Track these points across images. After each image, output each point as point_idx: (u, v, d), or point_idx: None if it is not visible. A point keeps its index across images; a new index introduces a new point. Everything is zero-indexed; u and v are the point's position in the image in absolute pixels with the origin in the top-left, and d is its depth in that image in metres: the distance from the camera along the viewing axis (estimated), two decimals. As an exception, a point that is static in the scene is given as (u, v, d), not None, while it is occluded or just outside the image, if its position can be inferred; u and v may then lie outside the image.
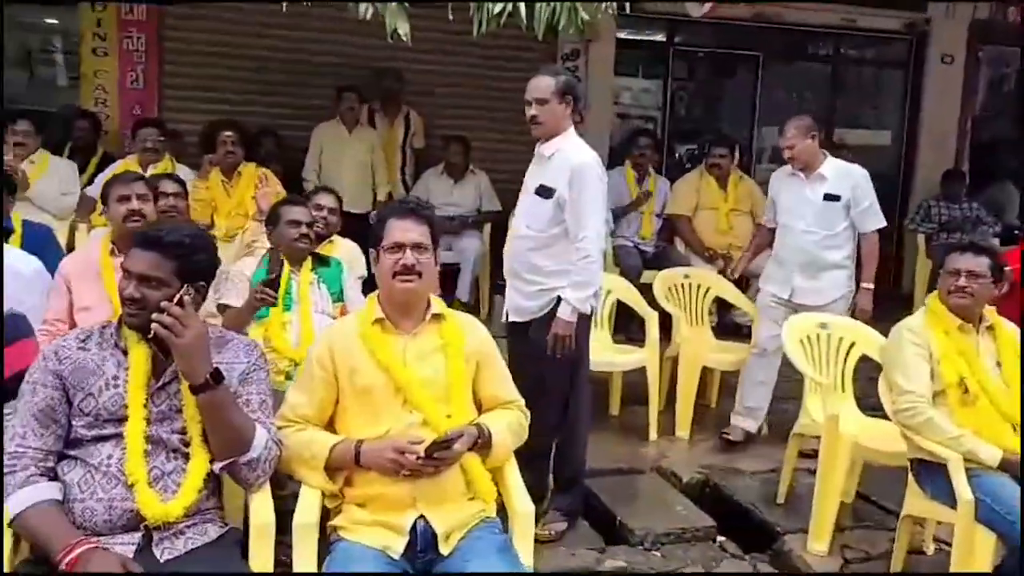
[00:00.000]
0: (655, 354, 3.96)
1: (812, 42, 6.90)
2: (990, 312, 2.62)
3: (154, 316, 1.70)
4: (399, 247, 1.99)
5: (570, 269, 2.81)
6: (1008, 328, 2.64)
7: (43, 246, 2.88)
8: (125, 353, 1.79)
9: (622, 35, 6.17)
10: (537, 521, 2.84)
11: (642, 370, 3.91)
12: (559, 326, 2.79)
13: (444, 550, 1.87)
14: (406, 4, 3.31)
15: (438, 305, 2.12)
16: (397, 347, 2.01)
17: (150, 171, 4.09)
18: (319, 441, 1.94)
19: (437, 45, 5.17)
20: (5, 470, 1.67)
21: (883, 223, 3.68)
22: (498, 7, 3.34)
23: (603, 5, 3.53)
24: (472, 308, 5.08)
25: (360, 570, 1.77)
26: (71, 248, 3.87)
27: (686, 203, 5.14)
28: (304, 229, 3.04)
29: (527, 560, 1.95)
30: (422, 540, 1.87)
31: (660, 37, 6.50)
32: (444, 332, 2.07)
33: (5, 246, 2.59)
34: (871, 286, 3.64)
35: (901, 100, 6.97)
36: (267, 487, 1.88)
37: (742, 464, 3.67)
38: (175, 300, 1.73)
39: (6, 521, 1.66)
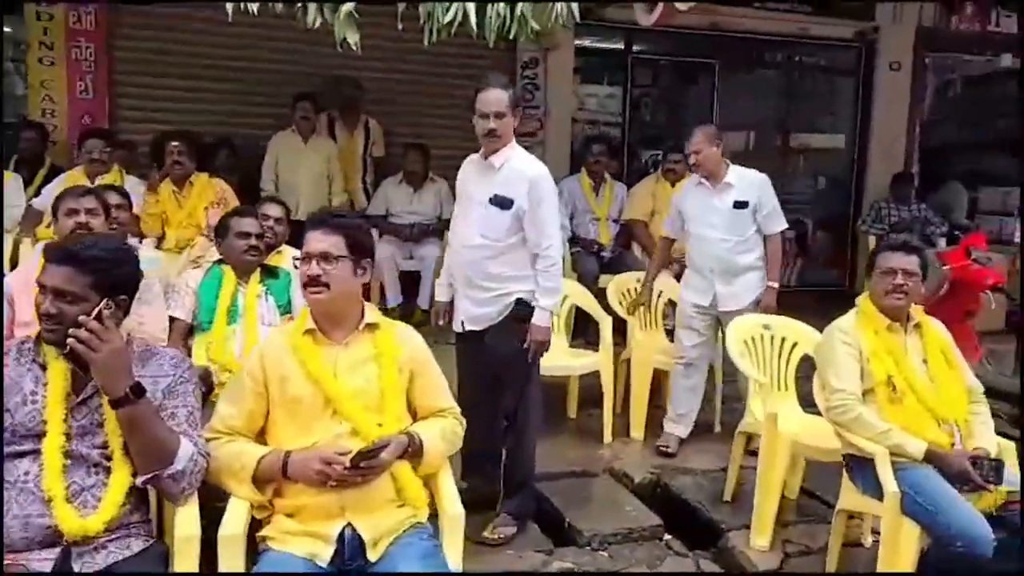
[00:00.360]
0: (609, 358, 4.00)
1: (767, 50, 7.03)
2: (917, 311, 2.68)
3: (71, 331, 1.69)
4: (307, 257, 2.00)
5: (525, 274, 2.90)
6: (934, 326, 2.70)
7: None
8: (44, 368, 1.78)
9: (582, 43, 6.24)
10: (487, 526, 2.90)
11: (599, 374, 3.95)
12: (539, 333, 2.90)
13: (372, 557, 1.88)
14: (355, 14, 3.33)
15: (372, 315, 2.12)
16: (328, 358, 2.02)
17: (97, 182, 4.06)
18: (247, 453, 1.93)
19: (393, 53, 5.18)
20: None
21: (785, 225, 3.80)
22: (448, 16, 3.37)
23: (554, 15, 3.56)
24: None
25: (287, 577, 1.77)
26: (15, 263, 3.81)
27: (642, 208, 5.19)
28: (253, 240, 3.03)
29: (455, 562, 1.96)
30: (350, 548, 1.87)
31: (619, 45, 6.58)
32: (378, 341, 2.08)
33: None
34: (776, 284, 3.72)
35: (853, 105, 7.13)
36: (194, 500, 1.87)
37: (693, 463, 3.74)
38: (93, 315, 1.72)
39: None
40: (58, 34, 5.02)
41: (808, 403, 3.33)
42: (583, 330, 4.58)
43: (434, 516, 2.06)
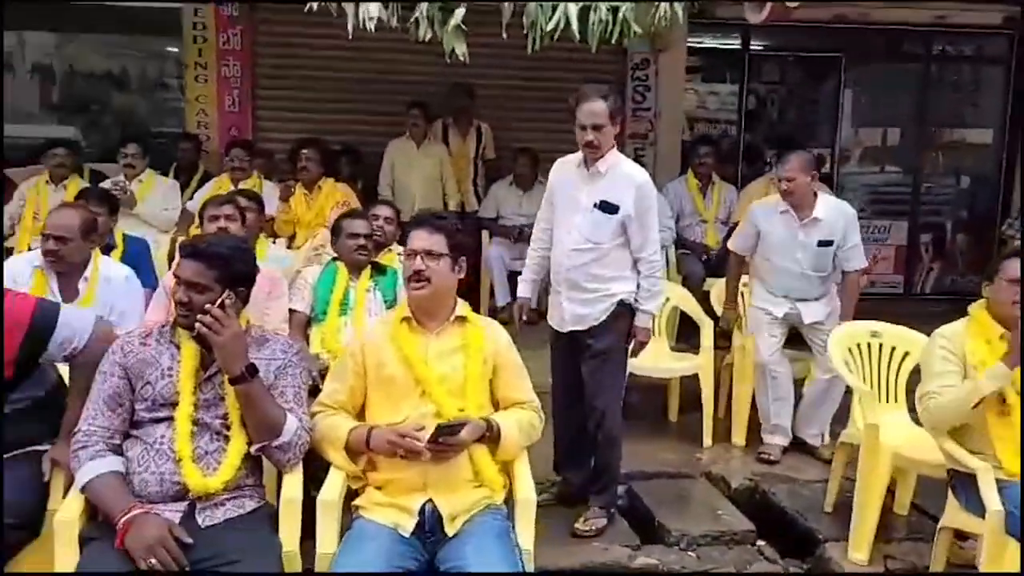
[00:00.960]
0: (709, 361, 3.98)
1: (899, 41, 6.64)
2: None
3: (198, 317, 1.96)
4: (412, 254, 2.19)
5: (626, 276, 3.02)
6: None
7: (139, 258, 3.27)
8: (178, 348, 2.07)
9: (697, 42, 6.18)
10: (579, 518, 3.01)
11: (699, 377, 3.94)
12: (642, 334, 3.07)
13: (449, 531, 2.05)
14: (461, 26, 3.53)
15: (463, 309, 2.30)
16: (420, 344, 2.21)
17: (240, 187, 4.53)
18: (341, 426, 2.16)
19: (501, 61, 5.36)
20: (79, 445, 1.98)
21: (865, 263, 3.74)
22: (551, 24, 3.50)
23: (657, 17, 3.60)
24: (541, 314, 5.23)
25: (374, 544, 1.98)
26: (172, 257, 4.32)
27: (753, 210, 5.07)
28: (363, 240, 3.30)
29: (527, 544, 2.09)
30: (430, 521, 2.06)
31: (735, 42, 6.45)
32: (466, 334, 2.26)
33: (106, 258, 2.97)
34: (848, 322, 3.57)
35: (1002, 97, 6.59)
36: (299, 468, 2.11)
37: (796, 472, 3.65)
38: (216, 303, 1.99)
39: (77, 488, 1.96)
40: (211, 54, 5.61)
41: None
42: (687, 333, 4.56)
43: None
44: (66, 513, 1.93)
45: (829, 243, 3.60)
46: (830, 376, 3.59)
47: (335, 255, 3.40)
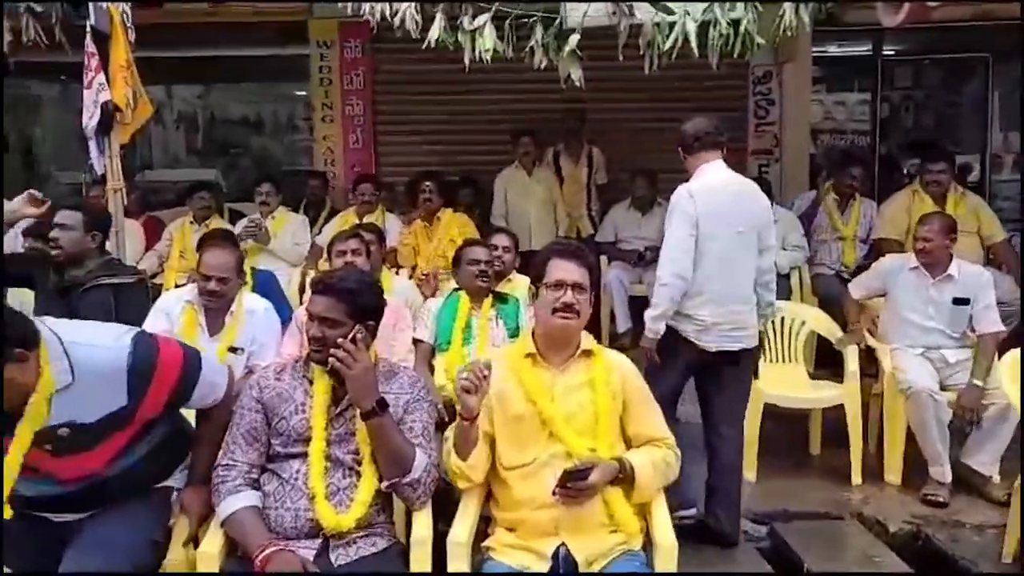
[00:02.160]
0: (855, 390, 3.67)
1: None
2: None
3: (331, 351, 1.98)
4: (561, 285, 2.11)
5: None
6: None
7: (269, 290, 3.41)
8: (311, 383, 2.10)
9: (820, 51, 5.86)
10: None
11: (844, 407, 3.65)
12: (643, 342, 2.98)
13: (586, 579, 1.94)
14: (577, 51, 3.50)
15: (588, 341, 2.21)
16: (546, 381, 2.13)
17: (365, 220, 4.67)
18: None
19: (617, 84, 5.28)
20: (219, 479, 2.04)
21: (1000, 328, 3.52)
22: (668, 43, 3.40)
23: (782, 27, 3.44)
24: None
25: (505, 589, 1.91)
26: (303, 289, 4.50)
27: (896, 226, 4.69)
28: (483, 267, 3.30)
29: (668, 595, 1.95)
30: (563, 566, 1.96)
31: (866, 48, 6.08)
32: (592, 368, 2.16)
33: (247, 292, 3.10)
34: (980, 383, 3.36)
35: None
36: (428, 506, 2.08)
37: (966, 516, 3.27)
38: (348, 337, 2.00)
39: (217, 522, 2.01)
40: (336, 95, 5.88)
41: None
42: (829, 360, 4.25)
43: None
44: (208, 547, 1.99)
45: (965, 301, 3.51)
46: (1003, 404, 3.24)
47: (457, 286, 3.41)
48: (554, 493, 1.97)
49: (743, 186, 3.08)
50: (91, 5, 3.20)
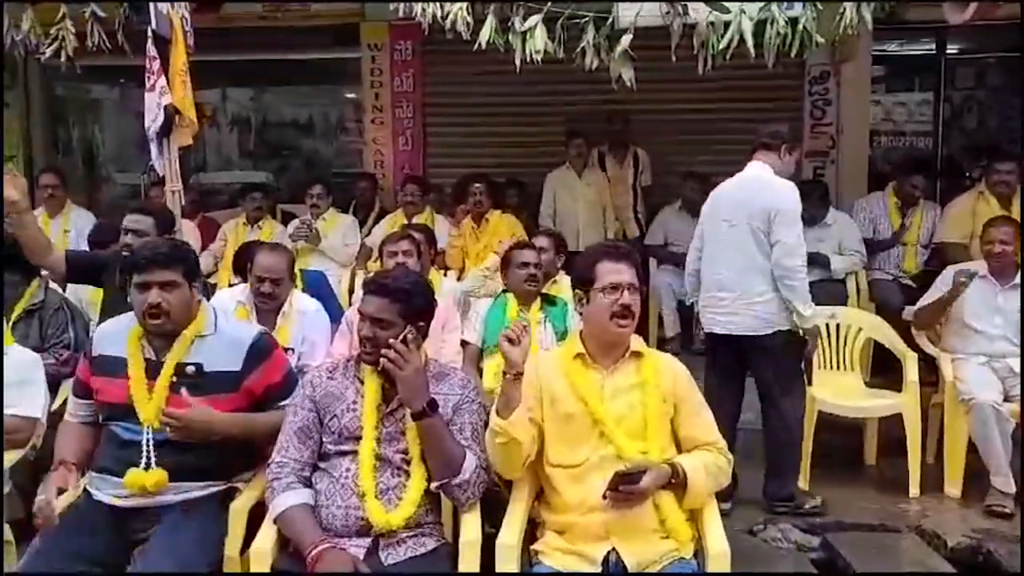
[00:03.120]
0: (914, 399, 3.55)
1: None
2: None
3: (382, 352, 1.99)
4: (616, 288, 2.08)
5: None
6: None
7: (319, 290, 3.45)
8: (362, 382, 2.11)
9: (879, 50, 5.69)
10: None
11: (902, 417, 3.53)
12: None
13: (637, 584, 1.90)
14: (629, 52, 3.47)
15: (637, 343, 2.18)
16: (596, 382, 2.11)
17: (413, 221, 4.71)
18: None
19: (667, 84, 5.21)
20: (272, 476, 2.06)
21: None
22: (723, 43, 3.35)
23: (843, 25, 3.35)
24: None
25: (555, 594, 1.89)
26: (352, 290, 4.55)
27: (959, 229, 4.52)
28: (532, 270, 3.29)
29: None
30: (614, 571, 1.93)
31: (929, 47, 5.88)
32: (642, 370, 2.13)
33: (297, 293, 3.16)
34: None
35: None
36: (477, 507, 2.08)
37: (1028, 531, 3.13)
38: (400, 338, 2.01)
39: (270, 518, 2.03)
40: (386, 98, 5.94)
41: None
42: (887, 368, 4.12)
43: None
44: (261, 543, 2.01)
45: None
46: None
47: (505, 287, 3.40)
48: (605, 496, 1.94)
49: (751, 181, 3.20)
50: (152, 10, 3.28)
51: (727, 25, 3.33)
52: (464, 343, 3.26)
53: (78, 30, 4.19)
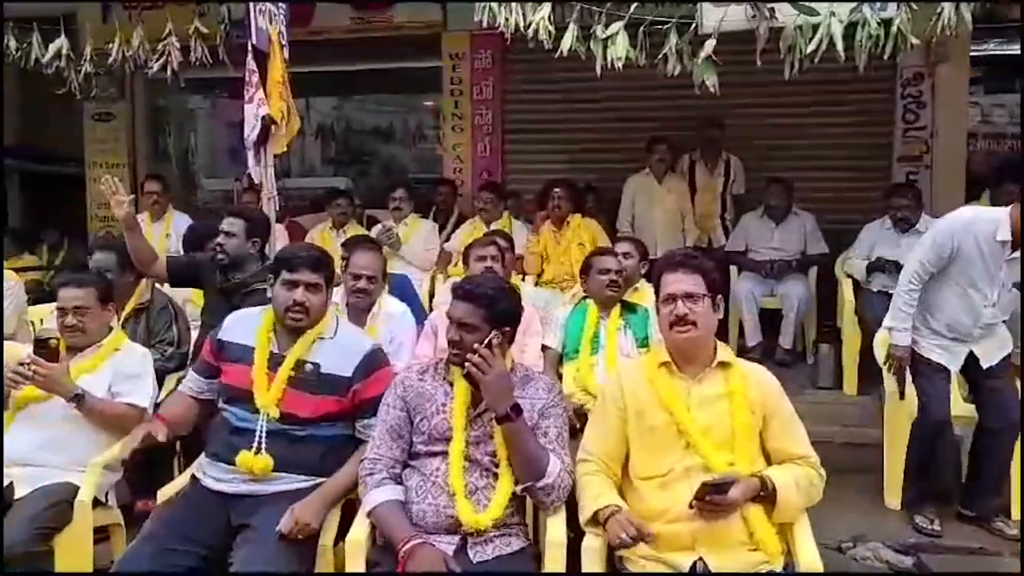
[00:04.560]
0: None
1: None
2: None
3: (468, 356, 2.04)
4: (672, 298, 2.08)
5: None
6: None
7: (404, 293, 3.55)
8: (451, 385, 2.17)
9: (976, 50, 5.44)
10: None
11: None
12: None
13: (725, 594, 1.89)
14: (713, 57, 3.43)
15: (725, 353, 2.16)
16: (681, 391, 2.09)
17: (492, 227, 4.78)
18: (590, 497, 2.07)
19: (754, 90, 5.12)
20: (366, 472, 2.14)
21: None
22: (811, 46, 3.28)
23: (940, 25, 3.23)
24: (797, 356, 4.86)
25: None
26: (431, 295, 4.65)
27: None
28: (613, 276, 3.29)
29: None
30: (701, 581, 1.91)
31: (1035, 46, 5.57)
32: (730, 380, 2.10)
33: (386, 295, 3.26)
34: None
35: None
36: (562, 510, 2.10)
37: None
38: (484, 343, 2.05)
39: (363, 512, 2.11)
40: (466, 106, 6.05)
41: None
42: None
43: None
44: (355, 534, 2.09)
45: None
46: None
47: (585, 294, 3.42)
48: (691, 505, 1.93)
49: None
50: (253, 26, 3.45)
51: (815, 28, 3.26)
52: (544, 348, 3.29)
53: (182, 45, 4.45)
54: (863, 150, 5.55)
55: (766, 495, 1.97)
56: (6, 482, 2.51)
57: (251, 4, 3.42)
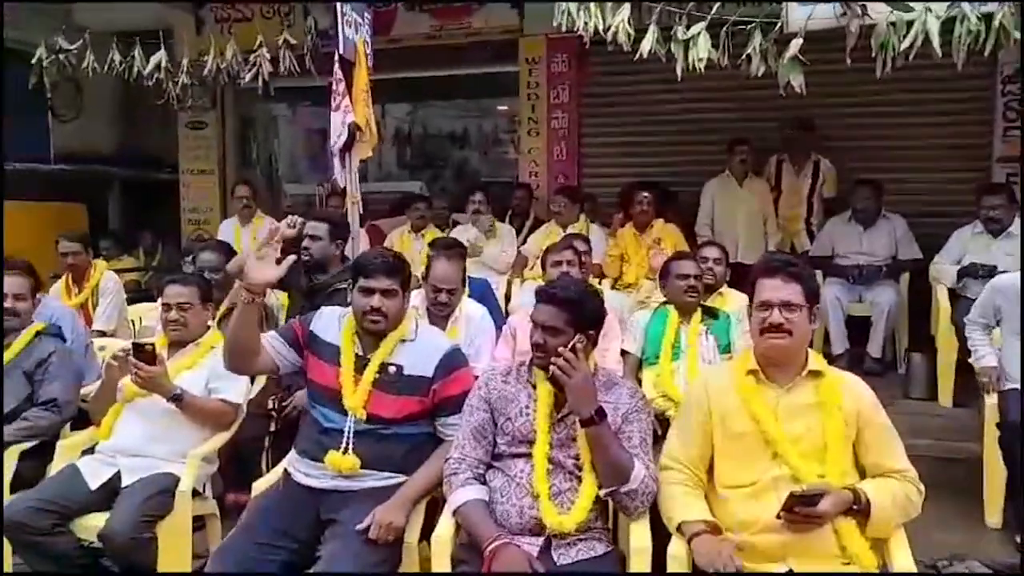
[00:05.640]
0: None
1: None
2: None
3: (552, 359, 2.05)
4: (767, 305, 2.03)
5: None
6: None
7: (483, 296, 3.59)
8: (535, 388, 2.19)
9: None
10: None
11: None
12: None
13: (816, 608, 1.84)
14: (799, 56, 3.34)
15: (816, 361, 2.10)
16: (769, 400, 2.05)
17: (568, 231, 4.78)
18: (677, 508, 2.04)
19: (845, 88, 4.97)
20: (451, 471, 2.18)
21: None
22: (906, 42, 3.16)
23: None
24: (887, 365, 4.67)
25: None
26: (508, 298, 4.69)
27: None
28: (692, 281, 3.25)
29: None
30: (792, 592, 1.86)
31: None
32: (821, 390, 2.04)
33: (465, 298, 3.30)
34: None
35: None
36: (646, 516, 2.08)
37: None
38: (569, 346, 2.06)
39: (449, 510, 2.15)
40: (542, 110, 6.07)
41: None
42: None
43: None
44: (441, 532, 2.13)
45: None
46: None
47: (664, 299, 3.38)
48: (778, 516, 1.89)
49: None
50: (340, 36, 3.56)
51: (909, 24, 3.14)
52: (624, 353, 3.27)
53: (272, 56, 4.64)
54: (960, 150, 5.31)
55: (859, 509, 1.90)
56: (113, 471, 2.67)
57: (339, 14, 3.53)
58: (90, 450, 2.82)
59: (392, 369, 2.34)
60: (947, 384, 4.19)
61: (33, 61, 5.07)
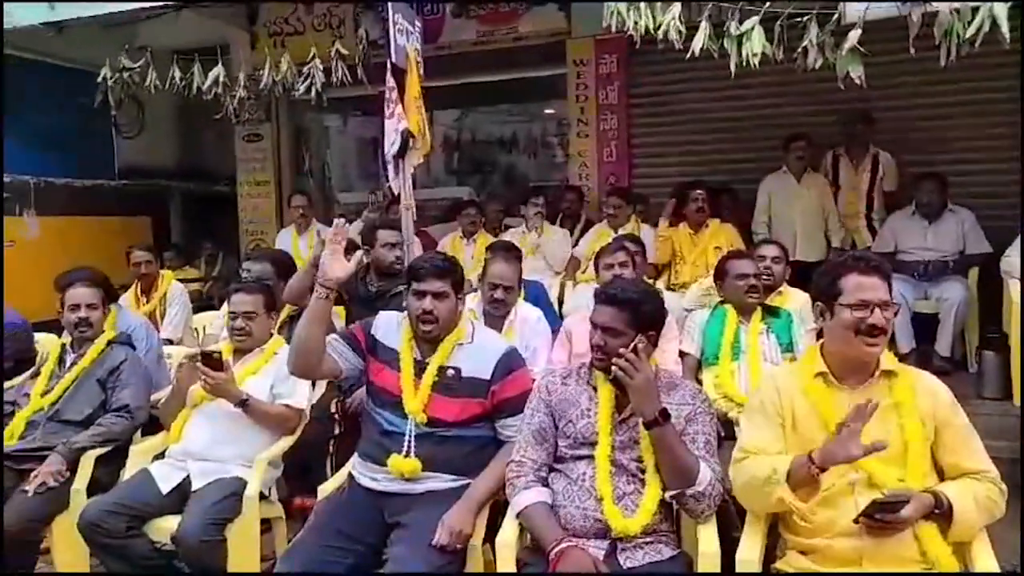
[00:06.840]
0: None
1: None
2: None
3: (613, 360, 2.03)
4: (865, 305, 1.93)
5: None
6: None
7: (538, 299, 3.59)
8: (595, 390, 2.17)
9: None
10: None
11: None
12: None
13: (894, 616, 1.77)
14: (859, 47, 3.26)
15: (889, 361, 2.03)
16: (840, 404, 1.97)
17: (620, 232, 4.74)
18: (779, 459, 1.96)
19: (906, 79, 4.82)
20: (513, 474, 2.17)
21: None
22: (972, 29, 3.05)
23: None
24: (956, 364, 4.50)
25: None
26: (561, 301, 4.67)
27: None
28: (752, 281, 3.18)
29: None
30: (868, 600, 1.80)
31: None
32: (895, 390, 1.98)
33: (521, 301, 3.31)
34: None
35: None
36: (713, 520, 2.05)
37: None
38: (630, 347, 2.04)
39: (512, 513, 2.15)
40: (591, 111, 6.04)
41: None
42: None
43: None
44: (506, 535, 2.13)
45: None
46: None
47: (722, 298, 3.32)
48: (856, 521, 1.83)
49: None
50: (392, 45, 3.62)
51: (974, 11, 3.03)
52: (683, 354, 3.23)
53: (325, 67, 4.74)
54: (1028, 140, 5.08)
55: (940, 512, 1.84)
56: (183, 475, 2.75)
57: (390, 23, 3.58)
58: (161, 455, 2.91)
59: (451, 372, 2.37)
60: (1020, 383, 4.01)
61: (99, 80, 5.28)
